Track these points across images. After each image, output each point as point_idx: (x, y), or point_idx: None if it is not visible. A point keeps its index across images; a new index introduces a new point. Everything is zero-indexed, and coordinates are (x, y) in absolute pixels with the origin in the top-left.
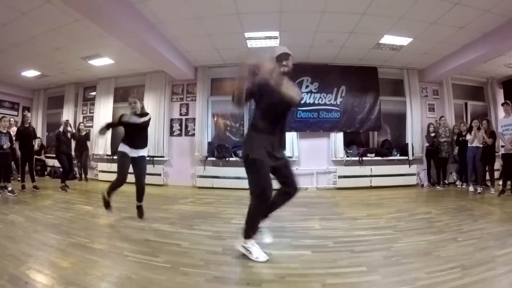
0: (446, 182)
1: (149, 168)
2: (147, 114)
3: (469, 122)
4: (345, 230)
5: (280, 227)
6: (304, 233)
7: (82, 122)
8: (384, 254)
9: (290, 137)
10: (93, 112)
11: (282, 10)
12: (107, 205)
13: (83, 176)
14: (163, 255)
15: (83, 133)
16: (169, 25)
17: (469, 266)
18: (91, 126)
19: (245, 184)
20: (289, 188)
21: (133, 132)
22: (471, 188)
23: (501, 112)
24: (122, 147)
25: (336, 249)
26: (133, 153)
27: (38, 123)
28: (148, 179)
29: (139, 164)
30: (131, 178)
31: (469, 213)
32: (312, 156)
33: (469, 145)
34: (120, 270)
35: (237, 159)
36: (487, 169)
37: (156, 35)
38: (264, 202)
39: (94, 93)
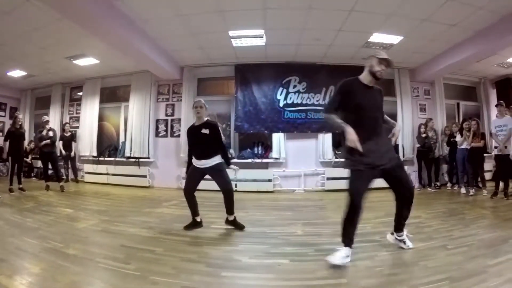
0: (438, 184)
1: (135, 170)
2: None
3: (461, 123)
4: (328, 236)
5: (260, 233)
6: (285, 239)
7: (68, 123)
8: (368, 264)
9: (277, 138)
10: (79, 113)
11: (265, 7)
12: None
13: (70, 177)
14: (135, 262)
15: (68, 133)
16: (151, 23)
17: (459, 278)
18: (77, 127)
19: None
20: None
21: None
22: (463, 190)
23: (494, 112)
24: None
25: (316, 258)
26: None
27: (25, 124)
28: (133, 181)
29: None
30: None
31: (461, 217)
32: (300, 157)
33: (458, 146)
34: (90, 277)
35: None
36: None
37: (139, 34)
38: None
39: (81, 93)
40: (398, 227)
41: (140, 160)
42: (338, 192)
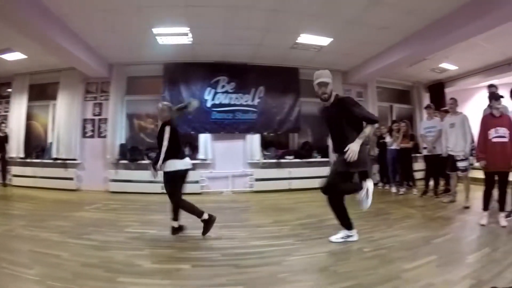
0: None
1: (62, 172)
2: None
3: (390, 124)
4: (241, 240)
5: (171, 236)
6: (195, 243)
7: (4, 122)
8: (273, 270)
9: (204, 138)
10: (8, 111)
11: (187, 4)
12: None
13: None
14: (38, 267)
15: (3, 134)
16: (74, 18)
17: (369, 285)
18: (5, 127)
19: (157, 188)
20: None
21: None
22: (393, 189)
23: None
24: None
25: (220, 263)
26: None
27: None
28: (59, 184)
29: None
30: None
31: (385, 217)
32: (228, 158)
33: (388, 147)
34: None
35: (150, 162)
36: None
37: (61, 29)
38: None
39: (10, 90)
40: None
41: (67, 161)
42: (266, 193)
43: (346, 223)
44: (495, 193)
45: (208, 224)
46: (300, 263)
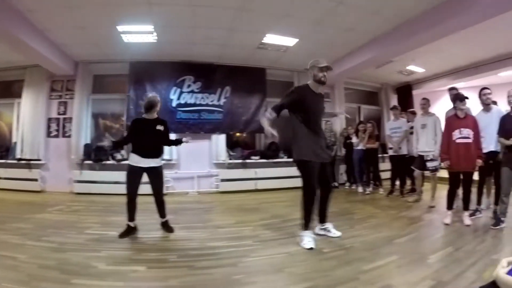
0: (336, 184)
1: (25, 173)
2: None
3: (356, 125)
4: (200, 241)
5: (130, 238)
6: (153, 245)
7: None
8: (228, 271)
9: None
10: None
11: (150, 2)
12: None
13: None
14: None
15: None
16: (38, 14)
17: (325, 286)
18: None
19: (121, 189)
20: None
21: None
22: (360, 189)
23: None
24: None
25: (175, 265)
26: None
27: None
28: (23, 185)
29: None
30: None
31: (349, 217)
32: (193, 158)
33: (354, 147)
34: None
35: (115, 162)
36: (371, 170)
37: (25, 25)
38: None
39: None
40: (321, 219)
41: (31, 162)
42: (232, 193)
43: (309, 223)
44: (460, 192)
45: (167, 224)
46: (256, 264)
